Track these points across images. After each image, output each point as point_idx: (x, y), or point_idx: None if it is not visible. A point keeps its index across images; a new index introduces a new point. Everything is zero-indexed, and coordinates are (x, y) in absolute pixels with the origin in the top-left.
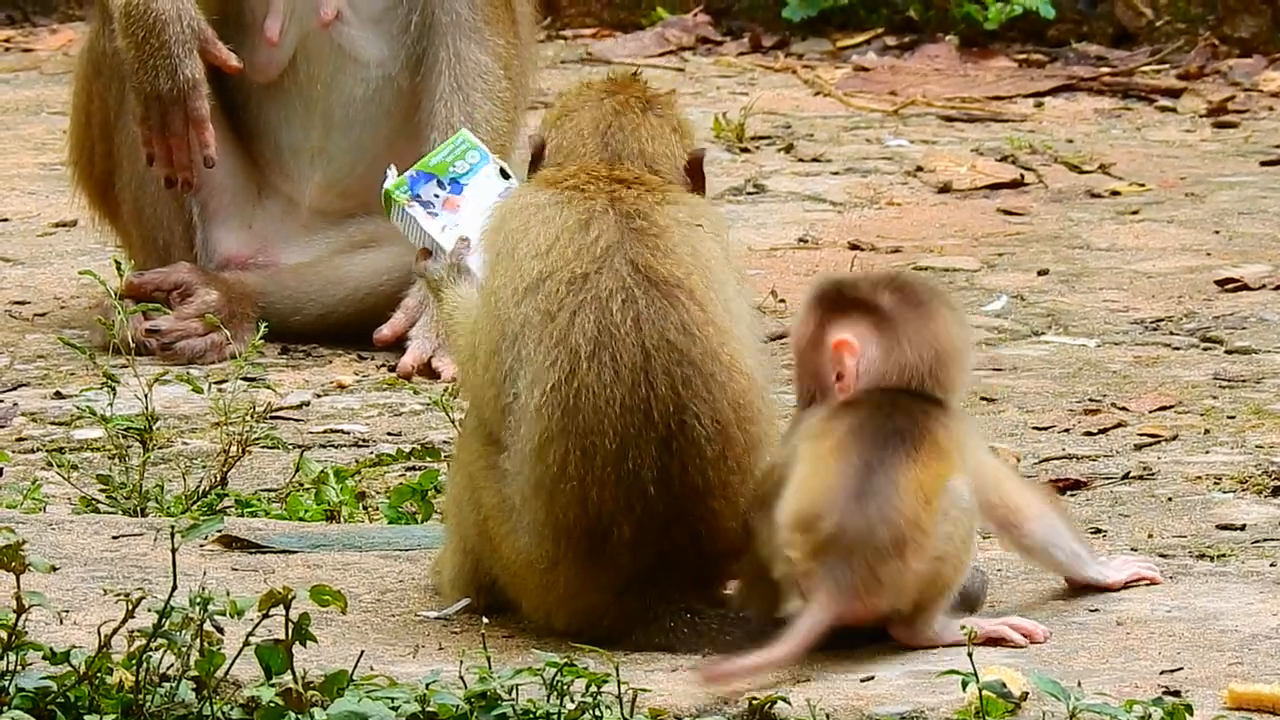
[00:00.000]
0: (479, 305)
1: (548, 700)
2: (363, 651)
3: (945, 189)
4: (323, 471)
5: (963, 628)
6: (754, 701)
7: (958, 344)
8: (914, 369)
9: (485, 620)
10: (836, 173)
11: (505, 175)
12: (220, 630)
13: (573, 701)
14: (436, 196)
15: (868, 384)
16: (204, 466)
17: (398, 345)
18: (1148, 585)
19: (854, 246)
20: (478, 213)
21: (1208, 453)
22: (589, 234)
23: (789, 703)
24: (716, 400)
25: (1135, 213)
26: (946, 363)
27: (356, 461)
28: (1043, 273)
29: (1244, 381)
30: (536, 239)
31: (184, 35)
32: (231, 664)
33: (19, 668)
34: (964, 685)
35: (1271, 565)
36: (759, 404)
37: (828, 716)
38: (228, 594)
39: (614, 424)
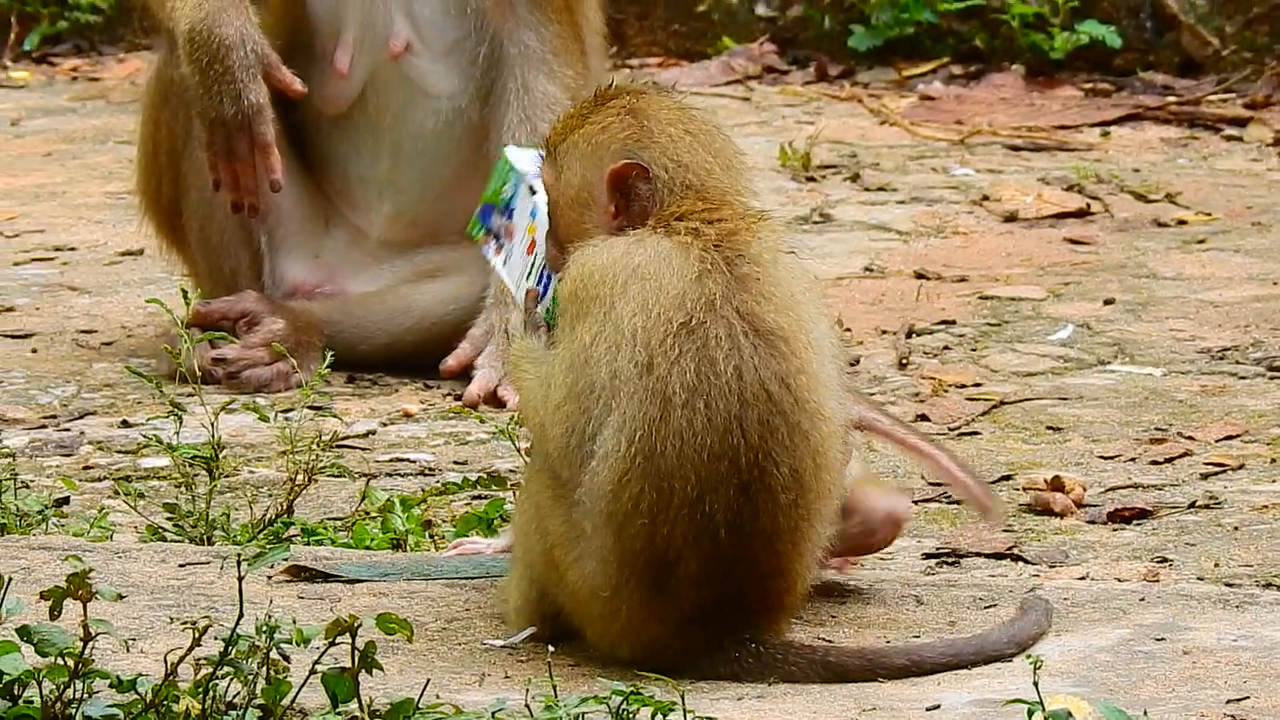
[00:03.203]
0: (559, 353)
1: None
2: (429, 680)
3: (1011, 218)
4: (389, 500)
5: (1028, 657)
6: None
7: None
8: None
9: (551, 649)
10: (902, 202)
11: (533, 191)
12: (286, 658)
13: None
14: (502, 227)
15: None
16: (270, 495)
17: (464, 374)
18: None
19: (920, 275)
20: (520, 239)
21: (1274, 481)
22: (700, 286)
23: None
24: (798, 448)
25: (1201, 242)
26: None
27: (422, 490)
28: (1109, 302)
29: None
30: (639, 294)
31: (248, 60)
32: (298, 692)
33: (86, 696)
34: (1030, 714)
35: None
36: (835, 451)
37: None
38: (294, 622)
39: (697, 469)
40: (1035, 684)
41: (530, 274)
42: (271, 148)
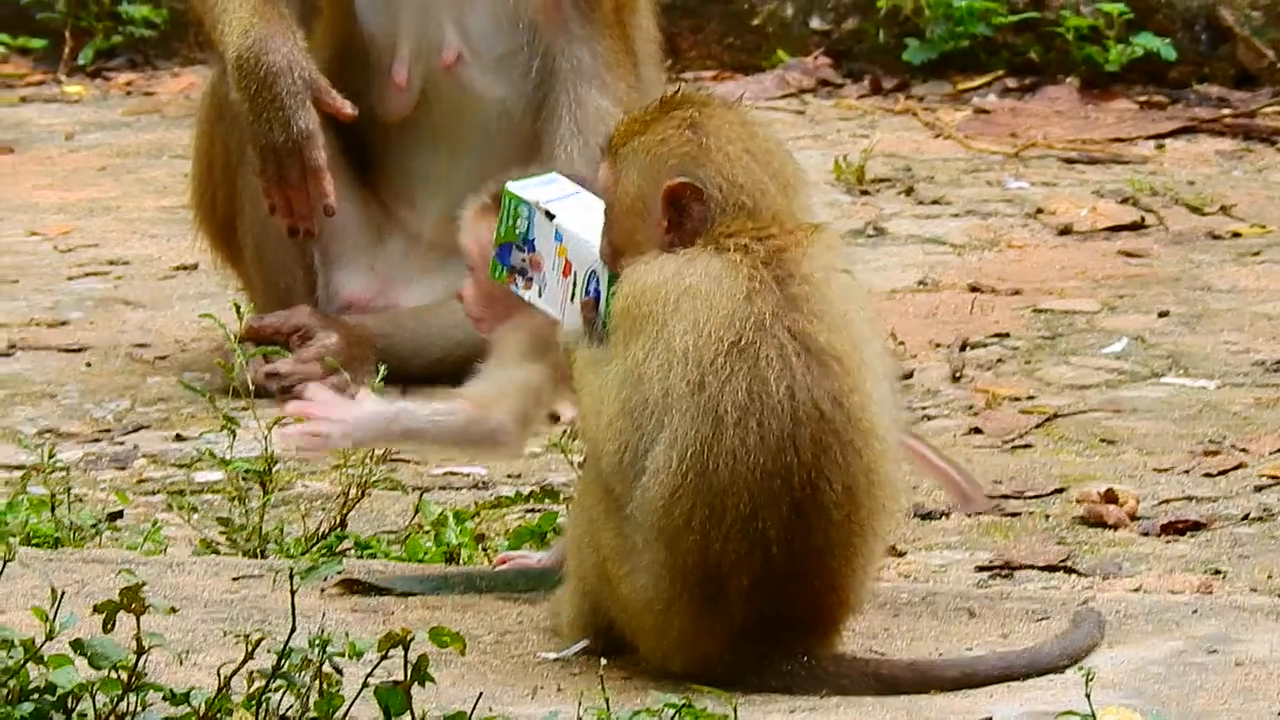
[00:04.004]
0: (611, 369)
1: None
2: (481, 693)
3: (1066, 231)
4: (442, 513)
5: (1080, 669)
6: None
7: None
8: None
9: (604, 662)
10: (957, 215)
11: (550, 216)
12: (339, 671)
13: None
14: (524, 260)
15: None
16: (323, 509)
17: None
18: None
19: (974, 289)
20: (552, 266)
21: None
22: (750, 306)
23: None
24: (851, 466)
25: (1256, 254)
26: None
27: (476, 504)
28: (1163, 314)
29: None
30: (690, 313)
31: (296, 86)
32: (350, 705)
33: (139, 709)
34: None
35: None
36: (889, 469)
37: None
38: (346, 635)
39: (750, 487)
40: (1087, 696)
41: (574, 294)
42: (323, 173)
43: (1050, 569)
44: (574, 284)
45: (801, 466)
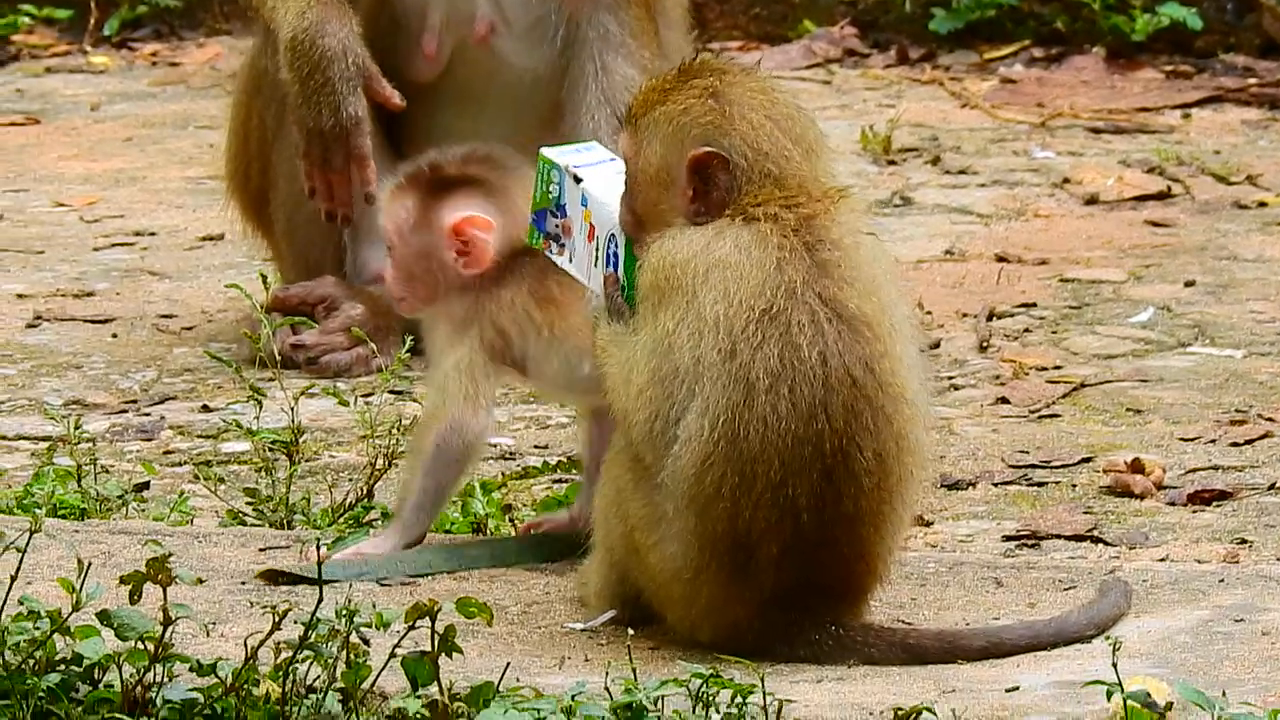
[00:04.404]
0: (640, 339)
1: (693, 711)
2: (509, 663)
3: (1092, 201)
4: (469, 484)
5: (1107, 639)
6: (899, 712)
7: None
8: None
9: (631, 632)
10: (983, 185)
11: (578, 180)
12: (366, 642)
13: (718, 713)
14: (558, 226)
15: (497, 254)
16: (350, 479)
17: None
18: None
19: (1001, 258)
20: (579, 230)
21: None
22: (780, 274)
23: (935, 713)
24: (881, 432)
25: None
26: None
27: (503, 474)
28: (1190, 284)
29: None
30: (720, 283)
31: (349, 72)
32: (378, 676)
33: (166, 679)
34: (1109, 695)
35: None
36: (918, 435)
37: None
38: (374, 606)
39: (781, 454)
40: (1114, 665)
41: (598, 260)
42: (368, 161)
43: (1077, 539)
44: (597, 249)
45: (833, 433)
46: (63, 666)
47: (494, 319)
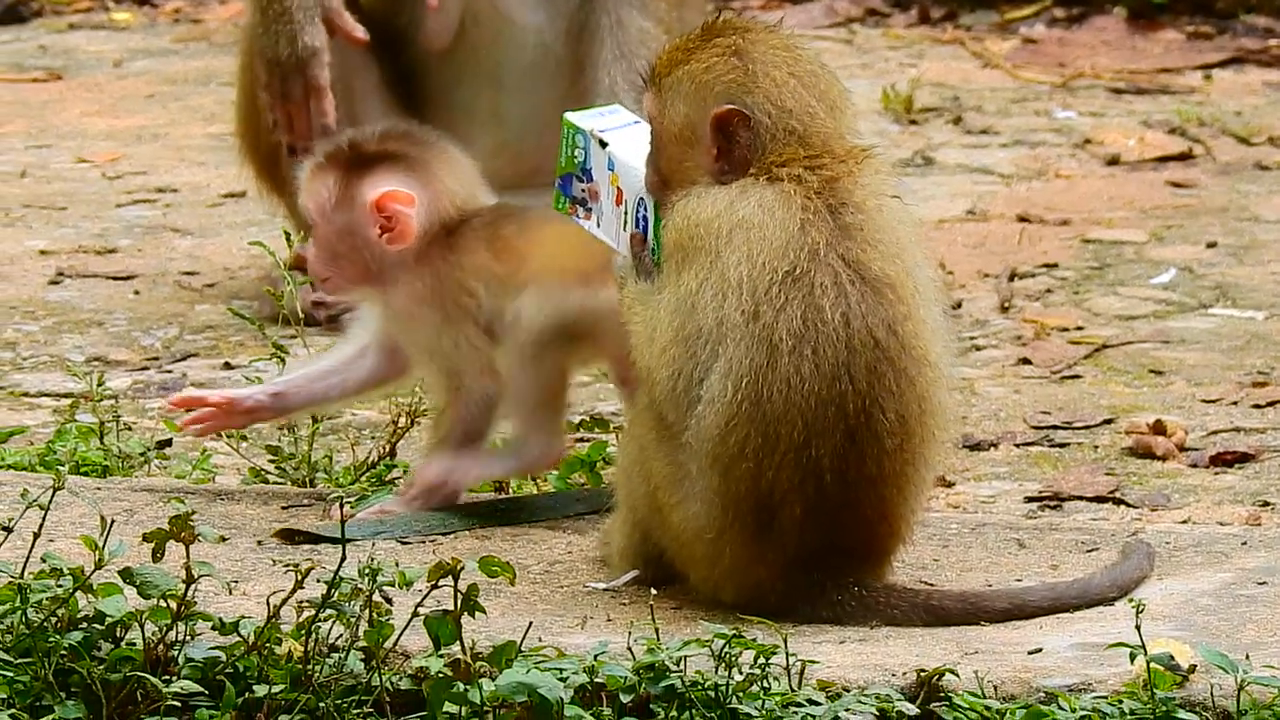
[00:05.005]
0: (664, 298)
1: (716, 672)
2: (531, 623)
3: (1113, 161)
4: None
5: (1130, 601)
6: (922, 673)
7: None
8: (462, 196)
9: (654, 592)
10: (1004, 145)
11: (603, 144)
12: (389, 601)
13: (741, 673)
14: (583, 191)
15: (422, 229)
16: (372, 437)
17: None
18: None
19: (1022, 219)
20: (607, 194)
21: None
22: (804, 235)
23: (957, 675)
24: (904, 394)
25: None
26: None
27: None
28: (1211, 245)
29: None
30: (744, 243)
31: (307, 3)
32: (400, 635)
33: (188, 638)
34: (1132, 658)
35: None
36: (941, 397)
37: (995, 688)
38: (396, 565)
39: (804, 415)
40: (1137, 627)
41: (626, 222)
42: (324, 91)
43: (1099, 500)
44: (625, 212)
45: (856, 394)
46: (85, 624)
47: (461, 282)
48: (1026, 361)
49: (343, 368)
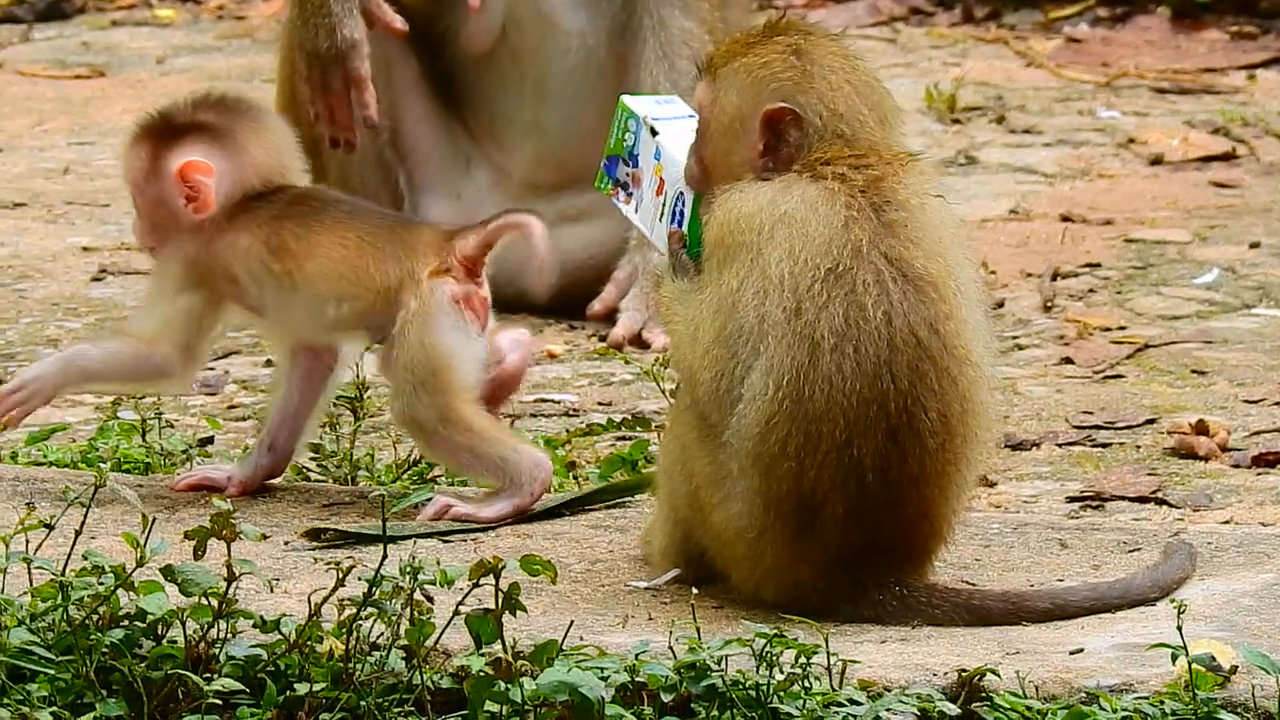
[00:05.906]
0: (705, 297)
1: (757, 671)
2: (572, 621)
3: (1157, 161)
4: (533, 441)
5: (1172, 601)
6: (963, 673)
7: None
8: (268, 167)
9: (695, 591)
10: (1048, 144)
11: (654, 133)
12: (430, 599)
13: (782, 672)
14: (627, 175)
15: (225, 198)
16: None
17: (608, 316)
18: None
19: (1065, 218)
20: (649, 183)
21: None
22: (846, 233)
23: (998, 675)
24: (945, 393)
25: None
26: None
27: (567, 431)
28: (1254, 245)
29: None
30: (786, 240)
31: None
32: (441, 633)
33: (229, 636)
34: (1173, 658)
35: None
36: (983, 396)
37: (1037, 689)
38: (438, 563)
39: (846, 414)
40: (1179, 628)
41: (663, 214)
42: (365, 83)
43: (1141, 500)
44: (664, 204)
45: (898, 393)
46: (126, 622)
47: (226, 266)
48: (1069, 361)
49: (292, 384)
